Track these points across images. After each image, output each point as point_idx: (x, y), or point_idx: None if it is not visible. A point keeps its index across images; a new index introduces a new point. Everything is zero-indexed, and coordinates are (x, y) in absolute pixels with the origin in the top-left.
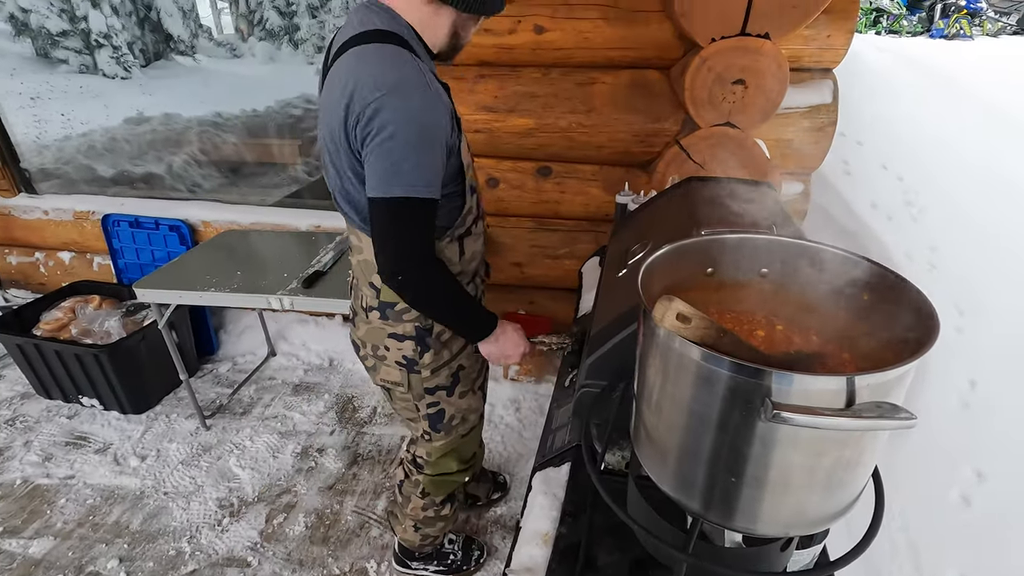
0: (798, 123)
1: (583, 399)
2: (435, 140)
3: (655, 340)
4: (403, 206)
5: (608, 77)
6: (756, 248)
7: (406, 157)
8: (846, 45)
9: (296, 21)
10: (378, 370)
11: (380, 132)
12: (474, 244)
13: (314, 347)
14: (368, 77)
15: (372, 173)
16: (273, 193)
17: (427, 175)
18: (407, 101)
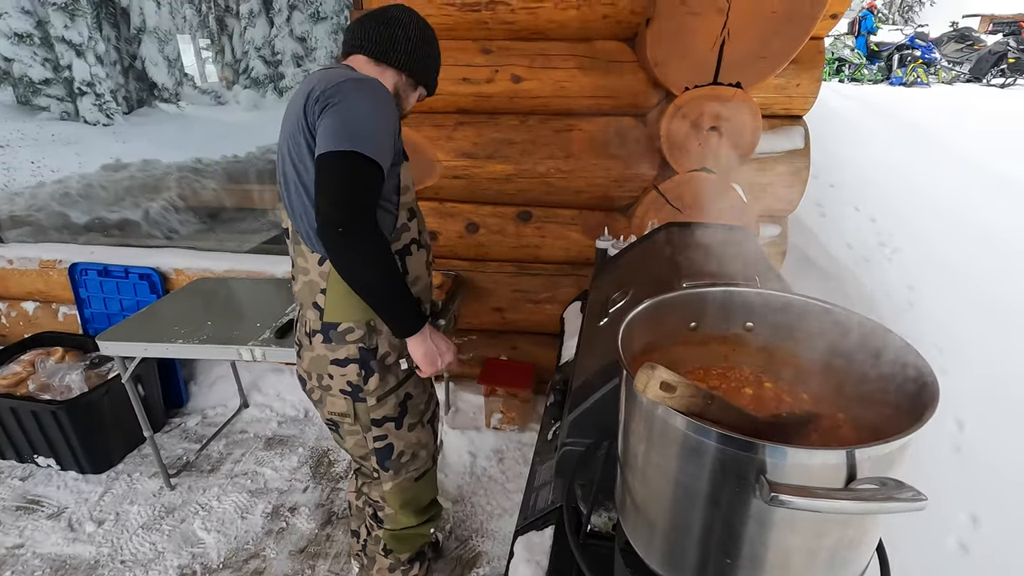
0: (773, 168)
1: (566, 458)
2: (387, 123)
3: (638, 405)
4: (354, 160)
5: (585, 124)
6: (740, 301)
7: (360, 121)
8: (815, 93)
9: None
10: (324, 402)
11: (339, 100)
12: (416, 266)
13: (289, 397)
14: (335, 74)
15: (323, 134)
16: (251, 238)
17: (379, 145)
18: (367, 83)
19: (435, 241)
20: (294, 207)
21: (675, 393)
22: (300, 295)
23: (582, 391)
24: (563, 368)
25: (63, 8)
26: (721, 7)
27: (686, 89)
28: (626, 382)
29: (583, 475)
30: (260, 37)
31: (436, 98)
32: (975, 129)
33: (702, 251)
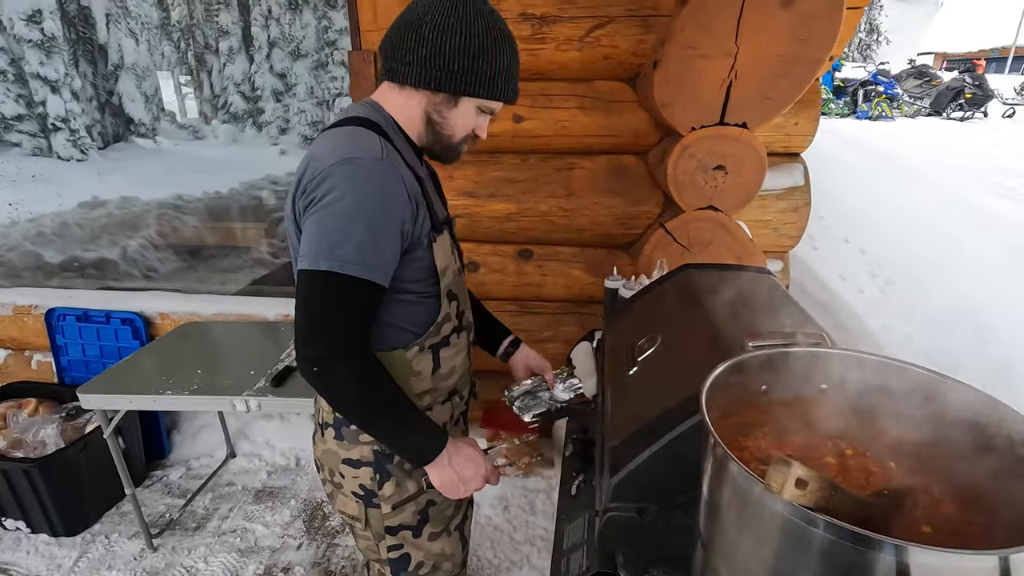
0: (775, 204)
1: (612, 526)
2: (383, 217)
3: (743, 496)
4: (330, 283)
5: (586, 162)
6: (818, 362)
7: (341, 228)
8: (813, 131)
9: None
10: (335, 499)
11: (321, 200)
12: (454, 358)
13: (279, 445)
14: (325, 152)
15: (303, 242)
16: (234, 276)
17: (365, 253)
18: (355, 170)
19: None
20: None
21: (807, 489)
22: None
23: (624, 451)
24: (575, 412)
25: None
26: (729, 50)
27: (693, 129)
28: (715, 455)
29: (628, 543)
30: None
31: None
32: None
33: (734, 299)
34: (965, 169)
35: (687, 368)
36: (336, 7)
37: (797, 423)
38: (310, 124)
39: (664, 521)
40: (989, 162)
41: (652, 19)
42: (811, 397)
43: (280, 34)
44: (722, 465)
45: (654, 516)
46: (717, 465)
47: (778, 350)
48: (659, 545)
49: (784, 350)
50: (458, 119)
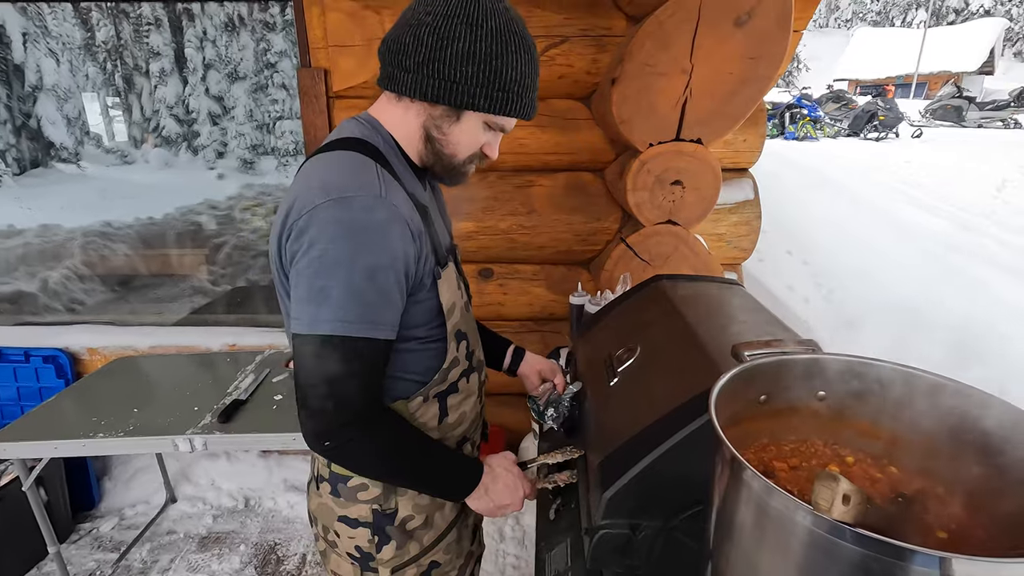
0: (727, 218)
1: (604, 544)
2: (385, 264)
3: (771, 515)
4: (330, 348)
5: (545, 180)
6: (817, 369)
7: (338, 281)
8: (759, 147)
9: (196, 128)
10: (328, 558)
11: (310, 249)
12: (463, 405)
13: (225, 485)
14: (313, 185)
15: (295, 302)
16: (171, 307)
17: (365, 307)
18: (348, 210)
19: None
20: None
21: (850, 504)
22: None
23: (616, 463)
24: (548, 435)
25: None
26: (685, 68)
27: (650, 145)
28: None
29: (621, 562)
30: (173, 95)
31: None
32: (872, 179)
33: (710, 308)
34: (886, 185)
35: (673, 377)
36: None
37: (796, 432)
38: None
39: (660, 538)
40: (906, 178)
41: (605, 39)
42: (809, 405)
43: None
44: (741, 481)
45: (649, 533)
46: (734, 481)
47: (784, 357)
48: (655, 563)
49: (790, 357)
50: (461, 136)
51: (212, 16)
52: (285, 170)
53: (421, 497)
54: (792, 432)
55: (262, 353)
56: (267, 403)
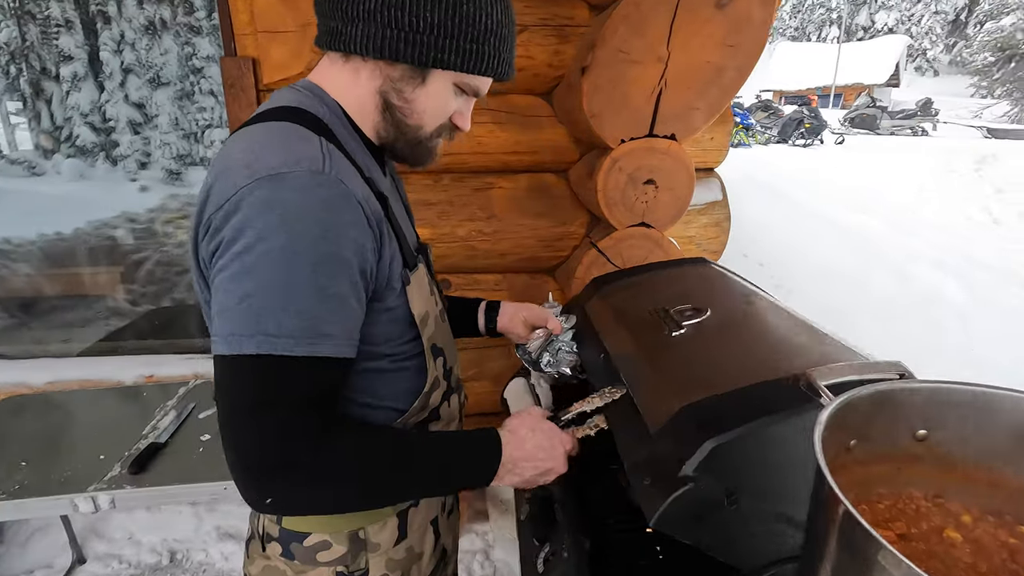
0: (697, 220)
1: (687, 501)
2: (332, 259)
3: None
4: (261, 373)
5: (505, 182)
6: (916, 400)
7: (269, 286)
8: (726, 146)
9: (114, 137)
10: None
11: (233, 243)
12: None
13: (146, 539)
14: (234, 165)
15: (215, 316)
16: (82, 333)
17: (314, 317)
18: (279, 190)
19: None
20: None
21: None
22: None
23: (724, 410)
24: None
25: None
26: (661, 56)
27: (622, 142)
28: (857, 541)
29: (691, 531)
30: (87, 102)
31: None
32: (804, 181)
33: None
34: (820, 188)
35: (770, 352)
36: (201, 33)
37: (887, 483)
38: (176, 158)
39: (750, 522)
40: (837, 182)
41: (567, 29)
42: (905, 446)
43: (136, 60)
44: (873, 563)
45: (743, 508)
46: (849, 538)
47: (880, 387)
48: (722, 549)
49: (888, 387)
50: (428, 102)
51: (131, 19)
52: None
53: (396, 549)
54: (882, 483)
55: (186, 384)
56: (192, 445)
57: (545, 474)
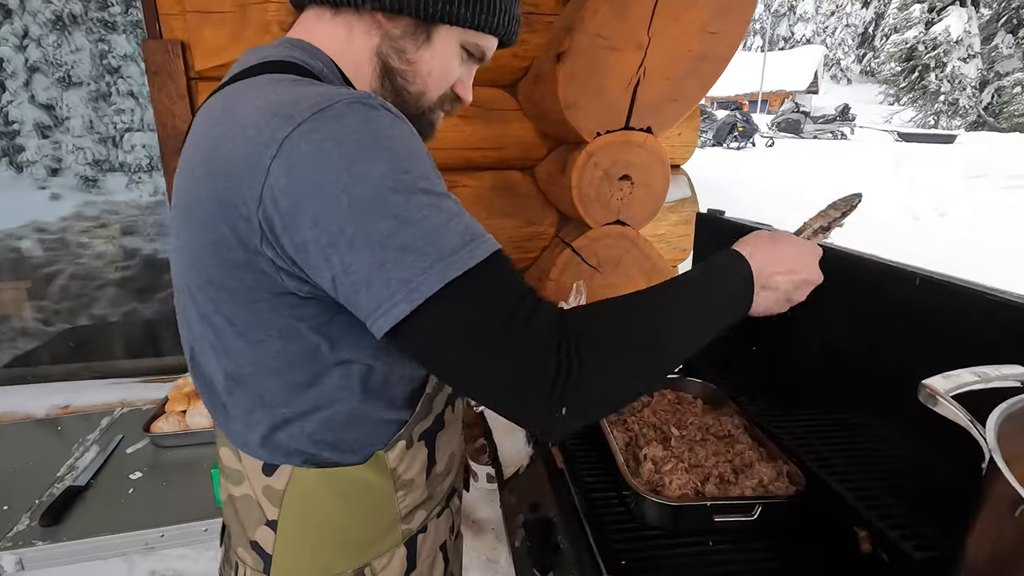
0: (667, 217)
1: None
2: (432, 166)
3: None
4: (464, 298)
5: (469, 180)
6: None
7: (401, 209)
8: (694, 143)
9: (19, 142)
10: None
11: (331, 206)
12: (450, 443)
13: None
14: (253, 112)
15: (357, 287)
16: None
17: (456, 223)
18: (343, 122)
19: None
20: (205, 376)
21: None
22: (228, 513)
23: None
24: (512, 480)
25: None
26: (641, 42)
27: (597, 135)
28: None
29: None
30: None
31: None
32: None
33: None
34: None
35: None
36: (117, 29)
37: None
38: (91, 163)
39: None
40: (770, 182)
41: (533, 17)
42: None
43: (43, 58)
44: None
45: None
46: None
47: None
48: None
49: None
50: (433, 64)
51: (36, 13)
52: (137, 188)
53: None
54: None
55: (110, 414)
56: (119, 486)
57: (800, 287)
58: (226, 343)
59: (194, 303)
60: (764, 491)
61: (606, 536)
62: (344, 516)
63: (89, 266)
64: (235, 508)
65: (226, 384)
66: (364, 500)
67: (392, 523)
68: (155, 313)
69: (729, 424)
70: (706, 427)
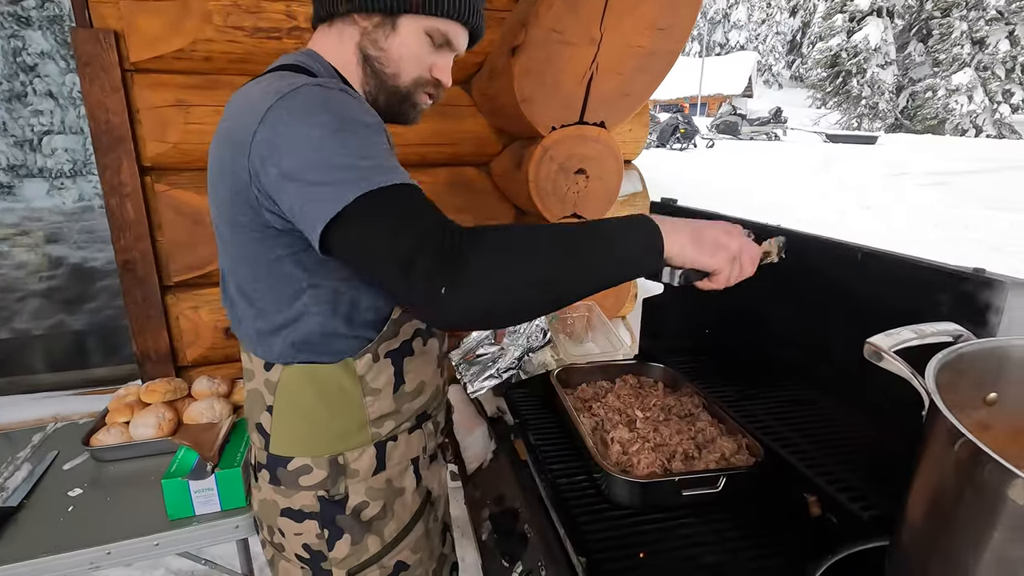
0: (620, 211)
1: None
2: (372, 127)
3: None
4: (382, 202)
5: (424, 176)
6: (986, 361)
7: (339, 149)
8: (644, 139)
9: None
10: (276, 566)
11: (289, 149)
12: (421, 370)
13: None
14: (256, 97)
15: (303, 200)
16: None
17: (380, 160)
18: (306, 96)
19: (232, 338)
20: (230, 295)
21: None
22: (246, 405)
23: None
24: (476, 476)
25: None
26: (594, 37)
27: (553, 129)
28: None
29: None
30: None
31: None
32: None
33: None
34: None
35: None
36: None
37: None
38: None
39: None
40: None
41: (487, 13)
42: (977, 411)
43: None
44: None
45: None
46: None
47: None
48: None
49: None
50: (402, 50)
51: None
52: (60, 194)
53: (376, 478)
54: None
55: (43, 430)
56: (56, 504)
57: (726, 248)
58: (239, 268)
59: (223, 242)
60: (726, 464)
61: (573, 520)
62: (321, 408)
63: (8, 277)
64: (250, 400)
65: (240, 300)
66: (338, 398)
67: (362, 425)
68: (85, 324)
69: (690, 404)
70: (668, 408)
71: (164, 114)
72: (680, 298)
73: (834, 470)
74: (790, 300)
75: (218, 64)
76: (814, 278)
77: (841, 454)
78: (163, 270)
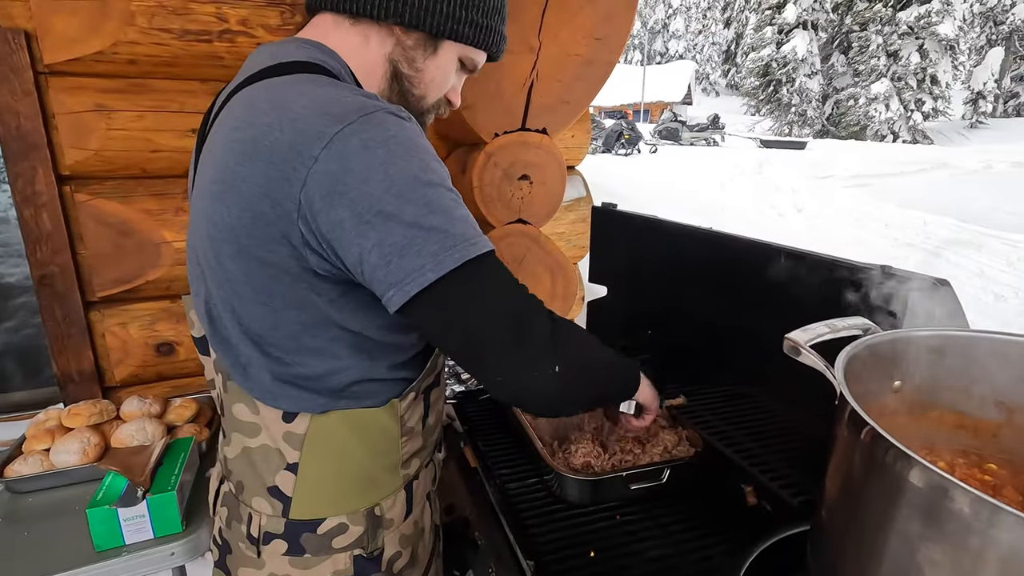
0: (565, 216)
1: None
2: (447, 175)
3: None
4: (477, 275)
5: None
6: (890, 351)
7: (433, 207)
8: (586, 145)
9: None
10: None
11: (367, 195)
12: (439, 399)
13: None
14: (302, 109)
15: (385, 255)
16: None
17: (467, 220)
18: (385, 127)
19: (174, 356)
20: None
21: None
22: (238, 466)
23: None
24: None
25: None
26: (533, 45)
27: (495, 135)
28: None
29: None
30: None
31: (156, 157)
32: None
33: None
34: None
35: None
36: None
37: None
38: None
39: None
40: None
41: None
42: (882, 396)
43: None
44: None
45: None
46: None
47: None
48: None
49: None
50: (436, 74)
51: None
52: None
53: (406, 524)
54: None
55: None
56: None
57: (656, 399)
58: (249, 308)
59: (221, 270)
60: (669, 456)
61: (523, 523)
62: (360, 452)
63: None
64: (250, 460)
65: (245, 344)
66: (378, 440)
67: (395, 467)
68: (1, 345)
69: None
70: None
71: (83, 119)
72: (624, 301)
73: (768, 460)
74: (726, 300)
75: (144, 67)
76: (748, 278)
77: (775, 445)
78: (86, 285)
